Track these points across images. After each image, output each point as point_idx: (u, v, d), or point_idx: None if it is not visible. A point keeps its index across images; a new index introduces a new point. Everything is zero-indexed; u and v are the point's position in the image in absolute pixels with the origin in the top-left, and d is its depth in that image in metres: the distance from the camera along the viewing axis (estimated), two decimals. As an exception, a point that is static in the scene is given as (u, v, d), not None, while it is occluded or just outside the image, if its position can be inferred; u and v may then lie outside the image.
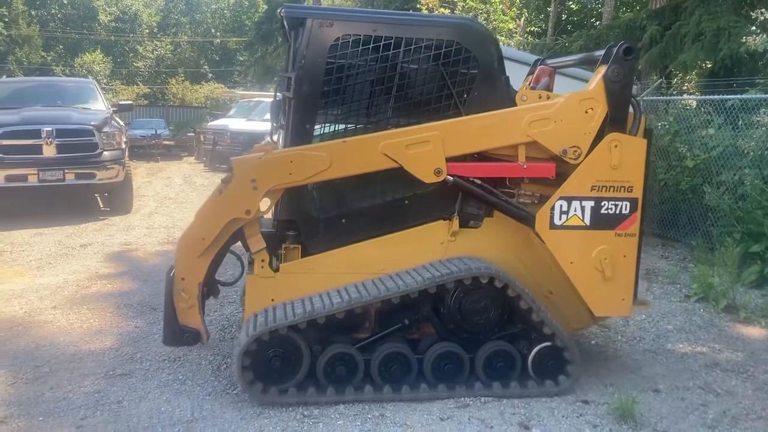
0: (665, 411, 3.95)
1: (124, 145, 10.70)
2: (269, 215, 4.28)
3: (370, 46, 3.96)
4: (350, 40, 3.96)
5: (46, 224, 9.50)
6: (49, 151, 9.66)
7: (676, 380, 4.41)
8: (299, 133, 4.02)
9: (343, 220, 4.14)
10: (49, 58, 42.72)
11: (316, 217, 4.16)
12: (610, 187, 4.04)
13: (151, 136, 23.45)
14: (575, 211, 4.02)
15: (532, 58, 9.13)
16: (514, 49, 12.12)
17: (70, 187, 9.96)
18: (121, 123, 11.61)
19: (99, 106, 11.48)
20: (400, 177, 4.01)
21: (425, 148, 3.92)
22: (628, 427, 3.71)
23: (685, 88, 15.04)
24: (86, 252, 7.95)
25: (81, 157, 9.83)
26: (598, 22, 20.90)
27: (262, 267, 3.99)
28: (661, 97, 10.05)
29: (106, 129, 10.22)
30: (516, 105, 4.11)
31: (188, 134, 27.08)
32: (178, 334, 4.02)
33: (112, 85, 41.35)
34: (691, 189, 8.35)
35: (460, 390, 3.97)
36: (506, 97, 4.14)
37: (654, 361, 4.77)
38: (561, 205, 4.02)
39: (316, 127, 4.06)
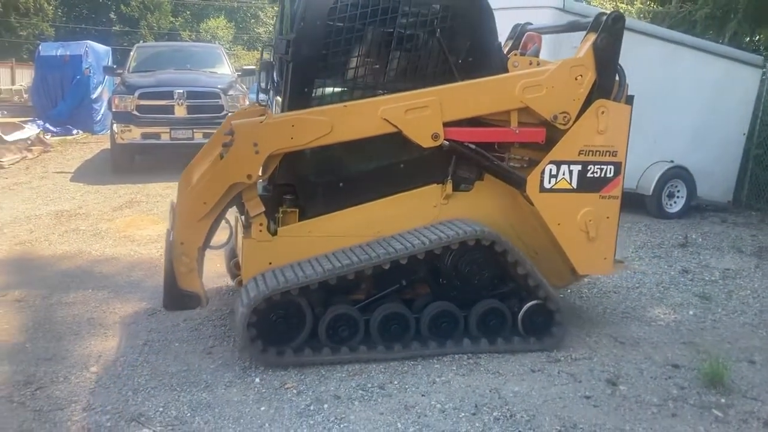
0: (758, 381, 3.99)
1: (246, 108, 11.35)
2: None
3: (369, 9, 3.95)
4: (349, 2, 3.93)
5: (176, 179, 10.24)
6: (180, 111, 10.47)
7: (775, 354, 4.42)
8: (298, 97, 4.00)
9: (341, 184, 4.18)
10: (177, 23, 44.88)
11: (314, 181, 4.18)
12: (597, 151, 4.19)
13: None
14: (563, 174, 4.16)
15: (655, 29, 8.96)
16: (633, 19, 11.71)
17: (198, 146, 10.47)
18: (245, 87, 12.30)
19: (225, 70, 12.24)
20: (396, 141, 4.07)
21: (424, 113, 3.99)
22: (716, 392, 3.80)
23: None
24: (212, 205, 8.63)
25: (208, 118, 10.55)
26: (729, -12, 19.61)
27: (260, 231, 4.00)
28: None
29: (231, 92, 10.91)
30: (508, 71, 4.19)
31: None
32: (179, 298, 4.06)
33: (234, 50, 43.00)
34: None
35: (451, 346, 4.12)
36: (499, 63, 4.21)
37: (753, 334, 4.77)
38: (550, 169, 4.15)
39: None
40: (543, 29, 4.87)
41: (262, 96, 4.70)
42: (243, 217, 4.28)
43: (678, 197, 8.73)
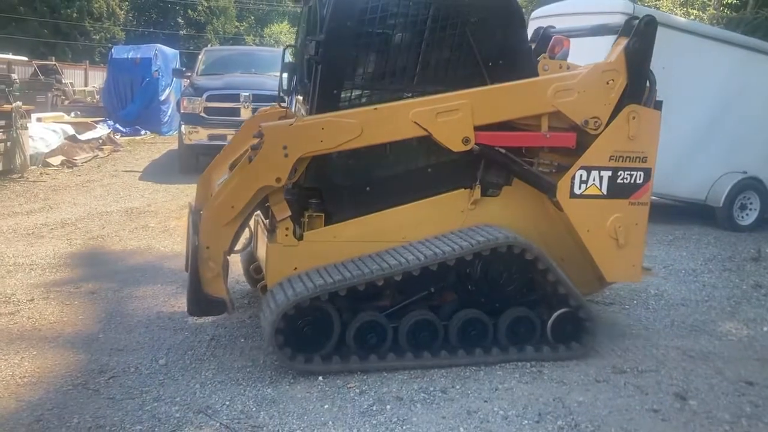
0: (837, 402, 3.83)
1: (309, 112, 11.53)
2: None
3: (399, 11, 3.92)
4: (380, 3, 3.88)
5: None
6: (245, 114, 10.67)
7: None
8: (326, 100, 3.93)
9: (368, 188, 4.10)
10: (241, 28, 45.96)
11: (341, 185, 4.11)
12: (627, 157, 4.12)
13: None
14: (594, 180, 4.10)
15: (728, 34, 8.70)
16: (704, 25, 11.41)
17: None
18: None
19: (289, 74, 12.42)
20: (424, 145, 4.03)
21: (455, 116, 3.93)
22: (793, 411, 3.66)
23: None
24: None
25: (272, 121, 10.74)
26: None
27: (286, 235, 3.93)
28: None
29: (295, 96, 11.08)
30: (538, 75, 4.13)
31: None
32: (204, 304, 3.94)
33: (297, 55, 43.69)
34: None
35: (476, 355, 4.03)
36: (530, 67, 4.14)
37: (833, 353, 4.57)
38: (581, 175, 4.09)
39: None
40: (569, 32, 4.78)
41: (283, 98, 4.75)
42: (268, 221, 4.23)
43: (750, 209, 8.44)
